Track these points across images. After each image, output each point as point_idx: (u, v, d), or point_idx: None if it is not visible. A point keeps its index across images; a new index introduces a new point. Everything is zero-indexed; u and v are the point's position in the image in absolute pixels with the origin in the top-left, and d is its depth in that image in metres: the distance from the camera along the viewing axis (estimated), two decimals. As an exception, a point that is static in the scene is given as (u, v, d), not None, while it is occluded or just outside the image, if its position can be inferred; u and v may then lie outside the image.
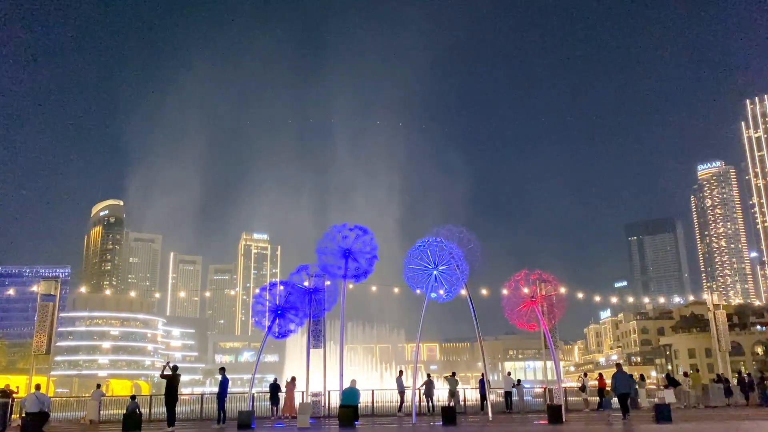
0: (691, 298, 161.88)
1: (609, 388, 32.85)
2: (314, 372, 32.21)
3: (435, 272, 26.73)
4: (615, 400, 32.34)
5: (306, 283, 32.21)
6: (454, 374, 35.82)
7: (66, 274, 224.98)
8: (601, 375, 41.59)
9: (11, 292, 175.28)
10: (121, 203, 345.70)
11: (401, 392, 33.93)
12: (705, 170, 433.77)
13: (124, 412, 27.15)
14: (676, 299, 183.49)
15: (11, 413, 27.58)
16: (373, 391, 35.86)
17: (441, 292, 27.39)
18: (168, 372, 24.38)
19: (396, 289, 54.68)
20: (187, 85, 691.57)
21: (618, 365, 30.70)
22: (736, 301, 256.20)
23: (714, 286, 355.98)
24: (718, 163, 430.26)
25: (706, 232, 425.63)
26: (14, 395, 27.68)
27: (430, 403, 34.19)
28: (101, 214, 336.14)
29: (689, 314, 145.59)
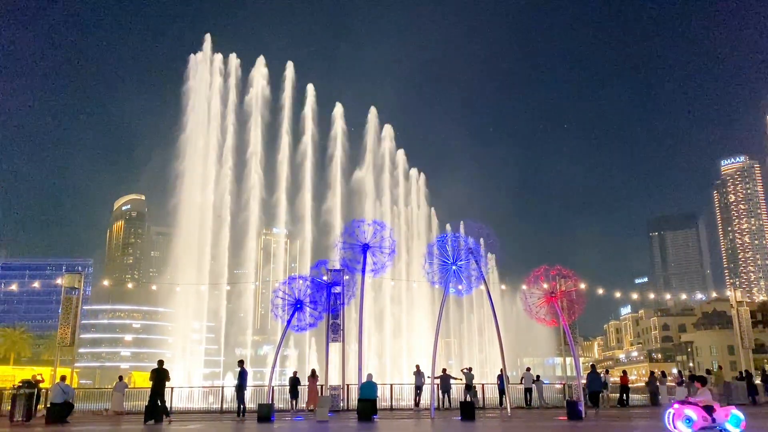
0: (714, 294, 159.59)
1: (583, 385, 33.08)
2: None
3: (453, 267, 26.70)
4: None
5: (325, 278, 32.39)
6: (470, 369, 35.77)
7: (89, 267, 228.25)
8: (624, 372, 41.30)
9: (36, 284, 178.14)
10: (143, 198, 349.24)
11: (419, 387, 34.04)
12: (728, 165, 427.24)
13: (146, 404, 27.49)
14: (698, 296, 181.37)
15: (37, 403, 28.08)
16: (391, 385, 35.99)
17: (459, 287, 27.38)
18: (155, 366, 26.03)
19: (415, 284, 54.77)
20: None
21: (592, 366, 31.19)
22: (760, 297, 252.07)
23: (737, 282, 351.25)
24: (742, 158, 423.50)
25: (729, 228, 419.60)
26: (40, 384, 28.13)
27: (447, 398, 34.27)
28: (123, 208, 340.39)
29: (711, 311, 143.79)
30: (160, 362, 26.65)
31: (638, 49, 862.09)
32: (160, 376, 25.52)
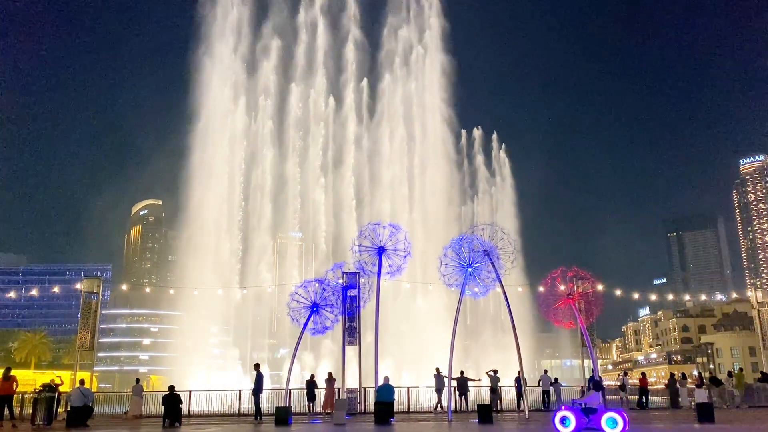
0: (734, 295, 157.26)
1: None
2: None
3: (469, 269, 26.58)
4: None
5: (341, 281, 32.42)
6: (496, 371, 35.51)
7: (108, 272, 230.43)
8: (643, 374, 40.91)
9: (56, 289, 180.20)
10: (160, 203, 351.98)
11: (439, 390, 33.84)
12: (748, 164, 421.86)
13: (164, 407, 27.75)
14: (718, 296, 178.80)
15: (57, 407, 28.34)
16: (408, 388, 35.91)
17: (476, 289, 27.24)
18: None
19: (431, 287, 54.55)
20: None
21: (594, 370, 31.64)
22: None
23: (758, 283, 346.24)
24: (762, 157, 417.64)
25: (749, 228, 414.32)
26: (59, 387, 28.36)
27: (465, 401, 34.10)
28: (141, 213, 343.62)
29: (732, 312, 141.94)
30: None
31: (657, 46, 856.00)
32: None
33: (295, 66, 76.33)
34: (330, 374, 34.36)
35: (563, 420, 19.10)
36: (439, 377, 34.16)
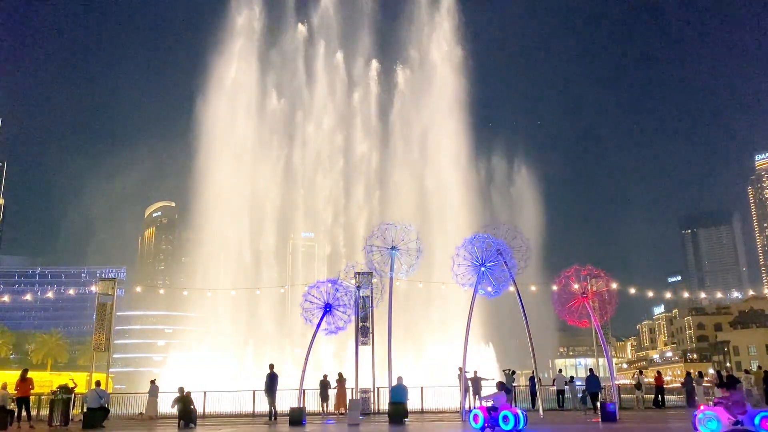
0: (750, 292, 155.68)
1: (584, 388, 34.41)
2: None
3: (482, 269, 26.47)
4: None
5: (353, 281, 32.40)
6: (513, 372, 35.28)
7: (122, 274, 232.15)
8: (658, 372, 40.56)
9: (71, 291, 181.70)
10: (174, 204, 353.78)
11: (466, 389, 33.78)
12: (763, 160, 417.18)
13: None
14: (734, 294, 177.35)
15: (73, 408, 28.57)
16: (422, 388, 35.84)
17: (489, 288, 27.11)
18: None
19: (444, 286, 54.38)
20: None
21: (591, 370, 31.84)
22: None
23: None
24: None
25: (765, 224, 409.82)
26: (73, 389, 28.56)
27: (479, 401, 33.95)
28: (154, 215, 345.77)
29: (748, 309, 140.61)
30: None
31: (670, 41, 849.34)
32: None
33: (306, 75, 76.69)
34: (340, 374, 34.26)
35: (475, 418, 20.64)
36: (462, 377, 34.07)
